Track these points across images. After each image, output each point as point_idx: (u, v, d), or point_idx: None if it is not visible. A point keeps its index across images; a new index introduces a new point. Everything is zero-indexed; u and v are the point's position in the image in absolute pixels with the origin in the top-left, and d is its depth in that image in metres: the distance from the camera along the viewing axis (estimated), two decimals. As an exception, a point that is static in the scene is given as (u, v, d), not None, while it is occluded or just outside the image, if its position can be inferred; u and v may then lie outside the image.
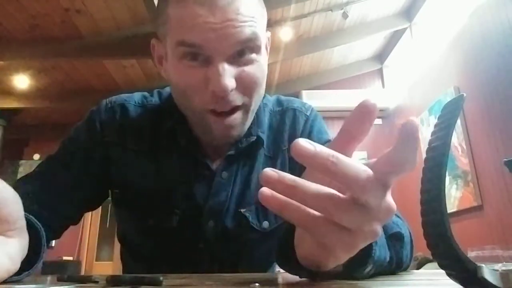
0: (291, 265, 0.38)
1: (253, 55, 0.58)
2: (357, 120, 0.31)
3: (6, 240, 0.36)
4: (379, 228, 0.31)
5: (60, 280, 0.38)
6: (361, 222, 0.30)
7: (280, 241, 0.40)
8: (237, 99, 0.58)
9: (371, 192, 0.29)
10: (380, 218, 0.30)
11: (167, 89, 0.74)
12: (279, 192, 0.30)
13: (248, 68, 0.58)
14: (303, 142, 0.27)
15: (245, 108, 0.60)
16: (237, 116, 0.59)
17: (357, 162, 0.29)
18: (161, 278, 0.33)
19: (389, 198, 0.31)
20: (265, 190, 0.30)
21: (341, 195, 0.29)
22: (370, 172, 0.29)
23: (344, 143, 0.32)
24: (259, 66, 0.59)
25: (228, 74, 0.55)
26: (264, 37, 0.61)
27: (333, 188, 0.29)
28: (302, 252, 0.36)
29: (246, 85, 0.58)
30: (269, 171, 0.29)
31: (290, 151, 0.30)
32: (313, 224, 0.30)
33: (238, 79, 0.57)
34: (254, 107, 0.62)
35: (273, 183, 0.29)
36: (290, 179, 0.29)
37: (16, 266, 0.37)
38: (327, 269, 0.36)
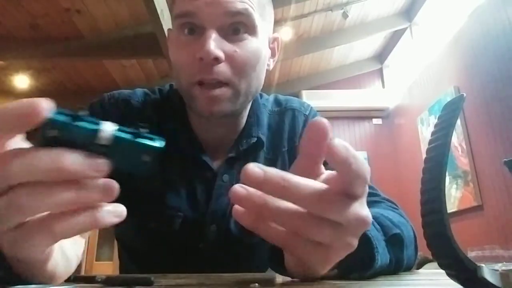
0: (283, 268, 0.38)
1: (248, 36, 0.58)
2: (313, 141, 0.30)
3: (79, 240, 0.35)
4: (353, 241, 0.31)
5: (66, 280, 0.38)
6: (332, 237, 0.30)
7: (271, 245, 0.41)
8: (223, 73, 0.57)
9: (333, 208, 0.28)
10: (352, 231, 0.31)
11: (167, 86, 0.74)
12: (249, 209, 0.30)
13: (240, 49, 0.58)
14: (252, 168, 0.28)
15: (233, 87, 0.58)
16: (223, 91, 0.57)
17: (311, 180, 0.29)
18: (152, 278, 0.33)
19: (361, 210, 0.30)
20: (238, 207, 0.31)
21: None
22: (326, 188, 0.29)
23: (306, 166, 0.32)
24: (253, 48, 0.59)
25: (215, 43, 0.55)
26: (262, 25, 0.61)
27: None
28: (287, 263, 0.37)
29: (236, 65, 0.57)
30: (238, 188, 0.29)
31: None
32: (286, 241, 0.31)
33: (229, 57, 0.57)
34: (245, 90, 0.60)
35: (242, 200, 0.29)
36: (259, 198, 0.29)
37: (73, 265, 0.36)
38: (313, 276, 0.36)
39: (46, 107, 0.24)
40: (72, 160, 0.25)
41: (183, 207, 0.65)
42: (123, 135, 0.26)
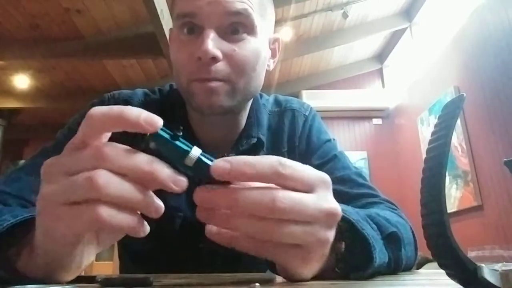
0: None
1: (247, 36, 0.59)
2: None
3: (93, 251, 0.36)
4: (327, 235, 0.32)
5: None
6: (303, 235, 0.31)
7: None
8: (222, 72, 0.57)
9: (288, 209, 0.30)
10: (322, 226, 0.31)
11: (167, 86, 0.74)
12: (220, 226, 0.32)
13: (239, 48, 0.58)
14: (199, 191, 0.31)
15: (230, 84, 0.58)
16: (221, 85, 0.58)
17: (256, 188, 0.31)
18: (151, 278, 0.33)
19: (323, 203, 0.31)
20: (211, 227, 0.32)
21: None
22: (274, 190, 0.30)
23: None
24: (253, 48, 0.59)
25: (213, 43, 0.55)
26: (262, 26, 0.61)
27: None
28: (277, 268, 0.37)
29: (235, 64, 0.57)
30: (203, 210, 0.31)
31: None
32: (264, 250, 0.32)
33: (228, 57, 0.57)
34: (243, 89, 0.60)
35: (209, 218, 0.31)
36: (226, 205, 0.30)
37: (80, 270, 0.37)
38: (306, 279, 0.36)
39: (160, 123, 0.30)
40: (163, 169, 0.29)
41: (183, 207, 0.66)
42: (205, 160, 0.30)
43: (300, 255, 0.32)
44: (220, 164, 0.30)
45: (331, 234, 0.33)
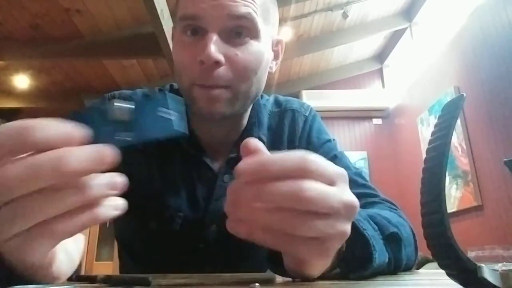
0: (283, 269, 0.38)
1: (250, 40, 0.58)
2: None
3: (80, 236, 0.35)
4: (346, 228, 0.32)
5: (69, 279, 0.38)
6: (325, 228, 0.30)
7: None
8: (224, 77, 0.57)
9: (314, 200, 0.29)
10: (342, 218, 0.31)
11: (167, 86, 0.74)
12: (243, 217, 0.31)
13: (242, 52, 0.58)
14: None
15: (232, 90, 0.58)
16: (223, 92, 0.57)
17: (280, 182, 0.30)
18: (150, 278, 0.33)
19: (343, 195, 0.31)
20: (230, 222, 0.31)
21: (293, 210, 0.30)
22: (300, 181, 0.30)
23: None
24: (255, 52, 0.59)
25: (216, 46, 0.55)
26: (265, 29, 0.61)
27: None
28: (287, 264, 0.37)
29: (237, 68, 0.57)
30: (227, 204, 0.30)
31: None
32: (281, 244, 0.31)
33: (230, 61, 0.57)
34: (244, 93, 0.60)
35: (233, 212, 0.30)
36: (249, 202, 0.30)
37: (76, 262, 0.36)
38: (314, 277, 0.36)
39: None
40: (75, 157, 0.26)
41: (184, 207, 0.66)
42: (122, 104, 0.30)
43: (317, 248, 0.32)
44: (246, 166, 0.30)
45: (349, 227, 0.33)
